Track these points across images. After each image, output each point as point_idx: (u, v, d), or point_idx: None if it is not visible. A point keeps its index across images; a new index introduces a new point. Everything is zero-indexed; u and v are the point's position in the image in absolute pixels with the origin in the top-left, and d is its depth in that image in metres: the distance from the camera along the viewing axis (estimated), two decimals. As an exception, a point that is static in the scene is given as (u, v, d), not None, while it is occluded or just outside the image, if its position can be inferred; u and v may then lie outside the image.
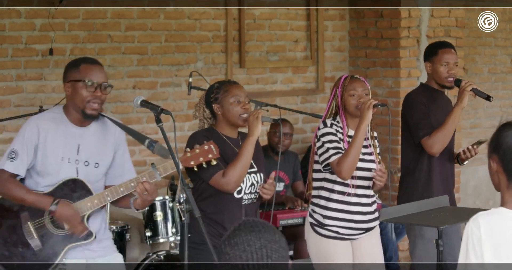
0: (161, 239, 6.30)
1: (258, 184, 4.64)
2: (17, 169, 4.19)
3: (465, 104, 5.42)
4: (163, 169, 4.17)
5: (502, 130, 2.89)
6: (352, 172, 4.82)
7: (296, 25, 7.87)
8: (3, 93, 6.54)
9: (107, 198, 4.17)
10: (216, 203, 4.54)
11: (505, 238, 2.82)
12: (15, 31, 6.55)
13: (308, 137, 7.75)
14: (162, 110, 4.06)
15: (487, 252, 2.80)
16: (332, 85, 7.73)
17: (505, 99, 9.11)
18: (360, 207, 4.93)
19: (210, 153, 4.24)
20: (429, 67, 5.62)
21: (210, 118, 4.66)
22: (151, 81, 7.15)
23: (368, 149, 4.98)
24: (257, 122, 4.49)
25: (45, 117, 4.30)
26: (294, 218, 6.64)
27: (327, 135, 4.89)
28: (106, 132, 4.32)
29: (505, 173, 2.87)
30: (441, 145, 5.45)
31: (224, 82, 4.71)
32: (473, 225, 2.83)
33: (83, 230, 4.17)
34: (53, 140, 4.19)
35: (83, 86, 4.17)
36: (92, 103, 4.17)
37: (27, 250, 4.19)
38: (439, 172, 5.56)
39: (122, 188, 4.16)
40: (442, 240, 4.69)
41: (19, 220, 4.21)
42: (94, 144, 4.26)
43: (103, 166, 4.29)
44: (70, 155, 4.20)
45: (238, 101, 4.57)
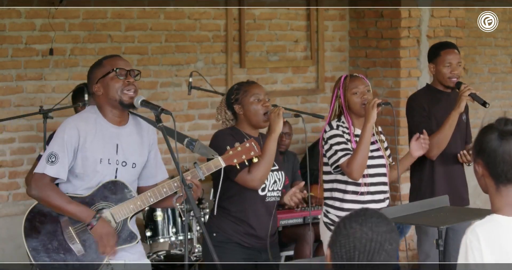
0: (161, 239, 6.30)
1: (280, 181, 4.73)
2: (58, 173, 4.06)
3: (462, 109, 5.44)
4: (206, 168, 4.15)
5: (485, 133, 2.84)
6: (362, 171, 4.85)
7: (296, 25, 7.87)
8: (3, 93, 6.54)
9: (150, 200, 4.11)
10: (241, 201, 4.62)
11: (504, 247, 2.77)
12: (15, 31, 6.55)
13: (308, 137, 7.74)
14: (163, 110, 4.05)
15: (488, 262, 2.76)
16: (332, 85, 7.73)
17: (505, 99, 9.10)
18: (374, 204, 4.96)
19: (252, 151, 4.28)
20: (432, 68, 5.63)
21: (232, 119, 4.74)
22: (151, 81, 7.15)
23: (375, 145, 4.99)
24: (278, 119, 4.57)
25: (83, 118, 4.18)
26: (294, 218, 6.64)
27: (334, 137, 4.91)
28: (141, 131, 4.27)
29: (492, 178, 2.82)
30: (437, 149, 5.47)
31: (242, 83, 4.80)
32: (471, 237, 2.77)
33: (111, 253, 4.07)
34: (92, 141, 4.10)
35: (113, 76, 4.12)
36: (126, 91, 4.11)
37: (70, 255, 4.10)
38: (443, 173, 5.57)
39: (165, 188, 4.11)
40: (442, 240, 4.69)
41: (59, 225, 4.10)
42: (131, 144, 4.20)
43: (140, 166, 4.24)
44: (110, 155, 4.12)
45: (258, 99, 4.66)
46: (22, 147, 6.59)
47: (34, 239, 4.12)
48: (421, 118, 5.53)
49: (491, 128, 2.84)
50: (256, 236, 4.63)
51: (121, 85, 4.11)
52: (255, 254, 4.63)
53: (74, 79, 6.73)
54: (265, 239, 4.66)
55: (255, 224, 4.63)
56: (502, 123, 2.82)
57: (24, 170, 6.55)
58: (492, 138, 2.82)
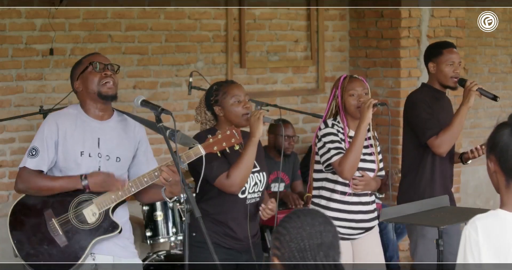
0: (162, 239, 6.29)
1: (261, 183, 4.66)
2: (38, 165, 4.19)
3: (471, 104, 5.39)
4: (186, 156, 4.15)
5: (499, 129, 2.87)
6: (354, 171, 4.83)
7: (296, 25, 7.87)
8: (3, 93, 6.54)
9: (131, 189, 4.16)
10: (220, 204, 4.55)
11: (503, 241, 2.80)
12: (15, 31, 6.55)
13: (308, 137, 7.75)
14: (163, 110, 4.06)
15: (485, 255, 2.78)
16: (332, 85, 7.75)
17: (506, 99, 9.10)
18: (361, 206, 4.95)
19: (233, 138, 4.21)
20: (433, 67, 5.58)
21: (212, 120, 4.65)
22: (152, 81, 7.15)
23: (368, 149, 4.98)
24: (258, 123, 4.48)
25: (62, 114, 4.32)
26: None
27: (328, 135, 4.90)
28: (126, 127, 4.33)
29: (503, 173, 2.85)
30: (448, 145, 5.44)
31: (222, 83, 4.70)
32: (470, 229, 2.81)
33: (122, 185, 4.15)
34: (72, 135, 4.20)
35: (91, 70, 4.22)
36: (106, 83, 4.20)
37: (53, 247, 4.18)
38: (440, 172, 5.56)
39: (146, 178, 4.15)
40: (442, 240, 4.69)
41: (43, 218, 4.20)
42: (114, 138, 4.27)
43: (125, 161, 4.29)
44: (91, 149, 4.21)
45: (238, 101, 4.56)
46: (22, 147, 6.59)
47: (18, 232, 4.23)
48: (427, 115, 5.48)
49: (505, 124, 2.87)
50: (235, 238, 4.57)
51: (98, 78, 4.21)
52: (236, 255, 4.57)
53: (74, 79, 6.73)
54: (245, 240, 4.59)
55: (235, 227, 4.56)
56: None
57: (24, 170, 6.56)
58: (504, 134, 2.85)
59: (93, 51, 6.78)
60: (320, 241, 2.59)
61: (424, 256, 5.48)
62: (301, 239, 2.59)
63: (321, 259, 2.57)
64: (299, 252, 2.57)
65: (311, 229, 2.59)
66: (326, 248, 2.60)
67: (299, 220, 2.63)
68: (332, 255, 2.59)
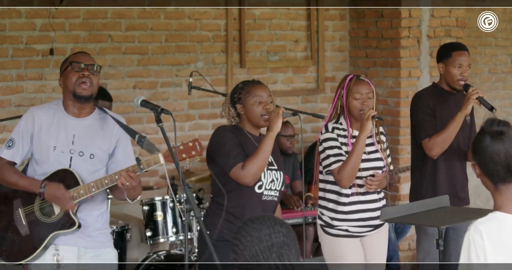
0: (162, 239, 6.30)
1: (278, 181, 4.73)
2: (13, 157, 4.35)
3: (468, 111, 5.42)
4: (146, 164, 4.20)
5: (478, 134, 2.92)
6: (352, 180, 4.87)
7: (296, 25, 7.87)
8: (3, 93, 6.54)
9: (92, 189, 4.25)
10: (237, 197, 4.61)
11: (506, 244, 2.80)
12: (15, 31, 6.55)
13: (308, 137, 7.75)
14: (163, 110, 4.08)
15: (491, 259, 2.77)
16: (332, 85, 7.74)
17: (506, 99, 9.10)
18: (368, 205, 4.95)
19: (194, 150, 4.28)
20: (442, 68, 5.59)
21: (236, 116, 4.74)
22: (152, 81, 7.15)
23: (373, 146, 4.98)
24: (277, 118, 4.58)
25: (42, 108, 4.46)
26: (294, 218, 6.64)
27: (328, 141, 4.92)
28: (104, 126, 4.40)
29: (487, 177, 2.89)
30: (440, 148, 5.46)
31: (247, 82, 4.80)
32: (474, 234, 2.81)
33: (71, 207, 4.26)
34: (47, 129, 4.33)
35: (70, 70, 4.32)
36: (80, 83, 4.30)
37: (16, 235, 4.33)
38: (445, 172, 5.56)
39: (107, 180, 4.23)
40: (443, 240, 4.69)
41: (12, 206, 4.36)
42: (90, 136, 4.36)
43: (98, 158, 4.37)
44: (64, 144, 4.32)
45: (259, 101, 4.66)
46: (22, 147, 6.59)
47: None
48: (425, 116, 5.51)
49: (482, 130, 2.91)
50: None
51: (76, 77, 4.31)
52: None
53: (74, 79, 6.73)
54: None
55: None
56: (489, 124, 2.88)
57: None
58: (482, 139, 2.89)
59: (93, 51, 6.80)
60: (270, 243, 2.62)
61: (428, 251, 5.50)
62: (251, 245, 2.63)
63: (274, 260, 2.60)
64: (252, 258, 2.61)
65: (259, 234, 2.63)
66: (277, 248, 2.62)
67: (247, 227, 2.67)
68: (287, 254, 2.61)
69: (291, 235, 2.67)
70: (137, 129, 7.09)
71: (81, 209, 4.33)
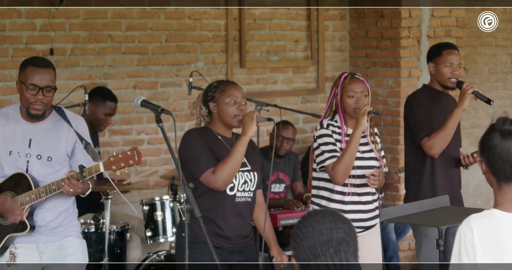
0: (162, 239, 6.30)
1: (251, 182, 4.67)
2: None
3: (465, 107, 5.42)
4: (88, 171, 4.27)
5: (487, 132, 2.92)
6: (346, 177, 4.85)
7: (296, 25, 7.87)
8: (3, 93, 6.54)
9: (42, 195, 4.35)
10: (209, 200, 4.56)
11: (498, 240, 2.82)
12: (15, 31, 6.55)
13: (308, 137, 7.75)
14: (163, 110, 4.08)
15: (480, 255, 2.80)
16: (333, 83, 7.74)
17: (506, 99, 9.11)
18: (361, 206, 4.94)
19: (131, 159, 4.26)
20: (432, 67, 5.61)
21: (207, 116, 4.68)
22: (152, 81, 7.15)
23: (367, 146, 4.98)
24: (251, 122, 4.53)
25: (2, 112, 4.53)
26: (294, 218, 6.63)
27: (322, 137, 4.91)
28: (61, 128, 4.47)
29: (493, 175, 2.90)
30: (440, 146, 5.46)
31: (222, 82, 4.74)
32: (465, 228, 2.84)
33: (19, 215, 4.36)
34: (3, 134, 4.42)
35: (25, 89, 4.36)
36: (35, 104, 4.36)
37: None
38: (442, 174, 5.56)
39: (54, 186, 4.32)
40: (443, 240, 4.69)
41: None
42: (46, 139, 4.44)
43: (57, 159, 4.46)
44: (21, 149, 4.42)
45: (234, 101, 4.60)
46: (22, 147, 6.59)
47: None
48: (422, 116, 5.51)
49: (493, 127, 2.91)
50: (224, 237, 4.57)
51: (30, 98, 4.36)
52: (226, 255, 4.54)
53: (74, 79, 6.73)
54: (235, 239, 4.60)
55: (223, 225, 4.56)
56: (500, 122, 2.89)
57: (25, 170, 6.57)
58: (492, 137, 2.89)
59: (93, 51, 6.80)
60: (329, 237, 2.64)
61: (428, 256, 5.49)
62: (311, 236, 2.64)
63: (331, 255, 2.61)
64: (310, 249, 2.62)
65: (320, 227, 2.65)
66: (336, 244, 2.63)
67: (310, 219, 2.70)
68: (344, 251, 2.63)
69: (352, 233, 2.70)
70: (138, 129, 7.12)
71: (40, 209, 4.43)
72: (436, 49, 5.72)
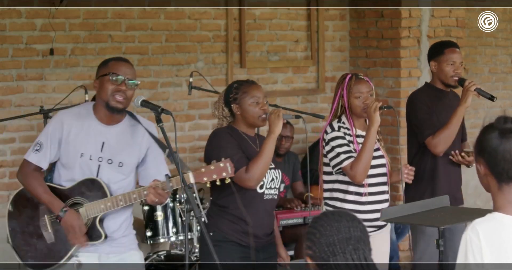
0: (162, 239, 6.30)
1: (277, 179, 4.73)
2: (40, 161, 4.26)
3: (468, 104, 5.42)
4: (175, 182, 4.16)
5: (485, 132, 2.88)
6: (365, 175, 4.87)
7: (296, 25, 7.87)
8: (3, 93, 6.54)
9: (120, 203, 4.20)
10: (240, 199, 4.57)
11: (504, 245, 2.79)
12: (15, 31, 6.55)
13: (308, 137, 7.74)
14: (163, 110, 4.08)
15: (487, 260, 2.77)
16: (333, 85, 7.72)
17: (506, 99, 9.11)
18: (375, 205, 4.95)
19: (225, 172, 4.23)
20: (434, 66, 5.61)
21: (229, 116, 4.72)
22: (152, 81, 7.15)
23: (375, 144, 4.99)
24: (278, 120, 4.57)
25: (71, 112, 4.36)
26: (294, 218, 6.64)
27: (336, 140, 4.91)
28: (134, 133, 4.32)
29: (494, 176, 2.86)
30: (445, 144, 5.46)
31: (243, 82, 4.76)
32: (471, 234, 2.80)
33: (82, 242, 4.21)
34: (76, 135, 4.23)
35: (108, 79, 4.20)
36: (116, 95, 4.19)
37: (41, 242, 4.27)
38: (444, 173, 5.57)
39: (135, 195, 4.19)
40: (443, 240, 4.69)
41: (38, 212, 4.29)
42: (119, 143, 4.27)
43: (128, 166, 4.30)
44: (93, 152, 4.23)
45: (256, 102, 4.64)
46: (22, 147, 6.59)
47: (14, 220, 4.35)
48: (425, 115, 5.52)
49: (491, 127, 2.87)
50: (253, 235, 4.60)
51: (112, 89, 4.19)
52: (253, 253, 4.59)
53: (74, 79, 6.73)
54: (262, 237, 4.65)
55: (253, 222, 4.60)
56: (501, 121, 2.84)
57: (25, 170, 6.57)
58: (492, 137, 2.85)
59: (93, 51, 6.80)
60: (348, 235, 2.63)
61: (424, 252, 5.50)
62: (330, 234, 2.63)
63: (350, 252, 2.61)
64: (328, 247, 2.61)
65: (338, 225, 2.64)
66: (354, 241, 2.63)
67: (327, 218, 2.68)
68: (362, 249, 2.63)
69: (366, 234, 2.70)
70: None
71: (107, 217, 4.27)
72: (438, 47, 5.72)
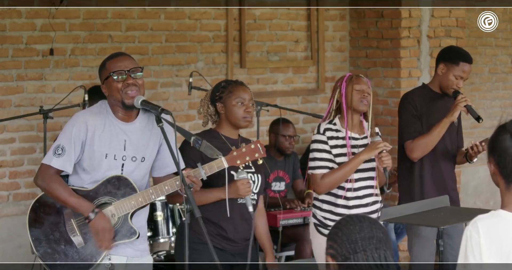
0: (162, 239, 6.30)
1: (254, 184, 4.64)
2: (64, 165, 4.14)
3: (454, 118, 5.42)
4: (208, 168, 4.14)
5: (499, 133, 2.91)
6: (329, 190, 4.86)
7: (296, 25, 7.87)
8: (3, 93, 6.54)
9: (152, 196, 4.14)
10: (214, 203, 4.52)
11: (505, 241, 2.82)
12: (15, 31, 6.55)
13: (308, 137, 7.75)
14: (163, 110, 4.07)
15: (486, 256, 2.80)
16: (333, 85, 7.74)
17: (506, 99, 9.11)
18: (363, 208, 4.92)
19: (257, 152, 4.22)
20: (442, 69, 5.54)
21: (214, 115, 4.66)
22: (152, 81, 7.15)
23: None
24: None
25: (93, 112, 4.24)
26: (294, 218, 6.64)
27: (317, 143, 4.89)
28: (151, 125, 4.25)
29: (502, 176, 2.90)
30: (421, 151, 5.46)
31: (231, 82, 4.72)
32: (472, 229, 2.83)
33: (108, 246, 4.13)
34: (99, 136, 4.15)
35: (112, 80, 4.15)
36: (127, 91, 4.14)
37: (70, 247, 4.16)
38: (431, 173, 5.55)
39: (167, 186, 4.13)
40: (442, 240, 4.70)
41: (62, 217, 4.18)
42: (140, 139, 4.22)
43: (149, 159, 4.26)
44: (117, 151, 4.16)
45: (241, 103, 4.58)
46: (22, 147, 6.59)
47: (37, 229, 4.21)
48: (410, 118, 5.51)
49: (504, 129, 2.91)
50: (227, 239, 4.55)
51: (121, 86, 4.14)
52: (228, 257, 4.54)
53: (74, 79, 6.73)
54: (238, 242, 4.57)
55: (227, 227, 4.54)
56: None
57: (25, 170, 6.56)
58: (504, 139, 2.89)
59: (93, 51, 6.80)
60: (371, 234, 2.64)
61: (420, 254, 5.50)
62: (352, 232, 2.64)
63: (372, 251, 2.60)
64: (350, 244, 2.61)
65: (361, 224, 2.66)
66: (376, 241, 2.63)
67: (349, 218, 2.70)
68: (384, 249, 2.62)
69: (388, 236, 2.71)
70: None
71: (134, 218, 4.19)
72: (454, 55, 5.59)
